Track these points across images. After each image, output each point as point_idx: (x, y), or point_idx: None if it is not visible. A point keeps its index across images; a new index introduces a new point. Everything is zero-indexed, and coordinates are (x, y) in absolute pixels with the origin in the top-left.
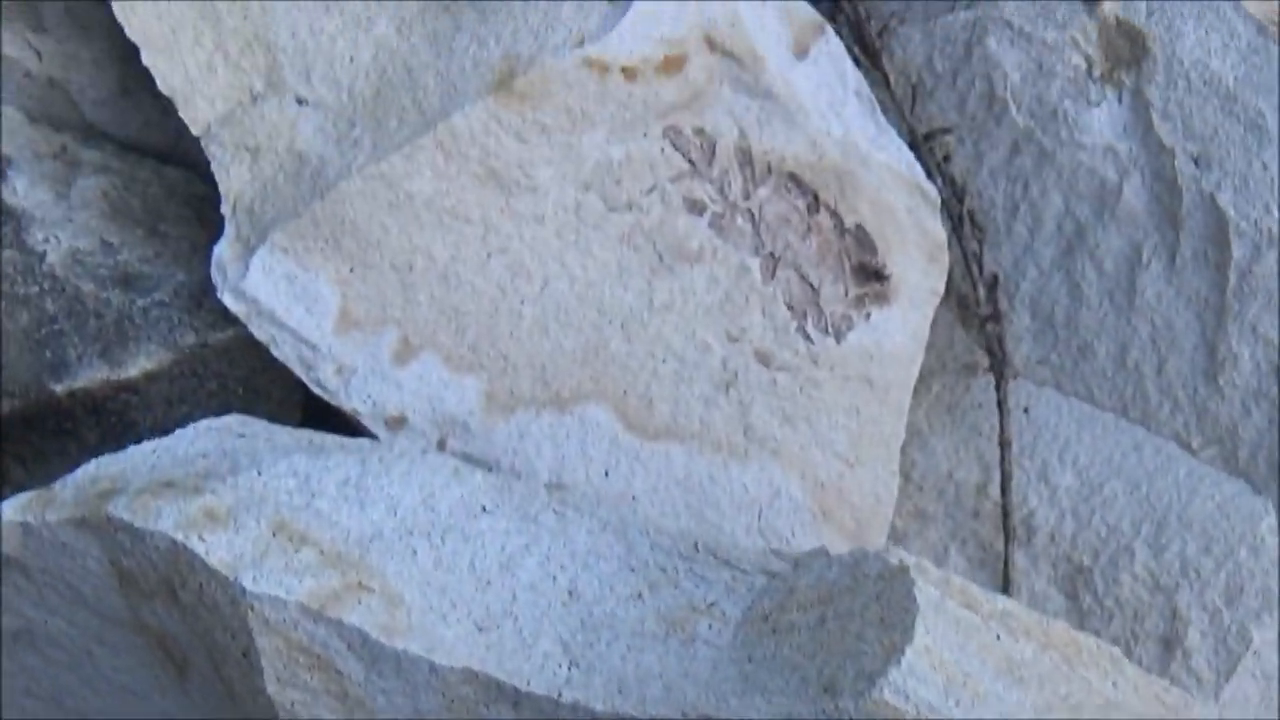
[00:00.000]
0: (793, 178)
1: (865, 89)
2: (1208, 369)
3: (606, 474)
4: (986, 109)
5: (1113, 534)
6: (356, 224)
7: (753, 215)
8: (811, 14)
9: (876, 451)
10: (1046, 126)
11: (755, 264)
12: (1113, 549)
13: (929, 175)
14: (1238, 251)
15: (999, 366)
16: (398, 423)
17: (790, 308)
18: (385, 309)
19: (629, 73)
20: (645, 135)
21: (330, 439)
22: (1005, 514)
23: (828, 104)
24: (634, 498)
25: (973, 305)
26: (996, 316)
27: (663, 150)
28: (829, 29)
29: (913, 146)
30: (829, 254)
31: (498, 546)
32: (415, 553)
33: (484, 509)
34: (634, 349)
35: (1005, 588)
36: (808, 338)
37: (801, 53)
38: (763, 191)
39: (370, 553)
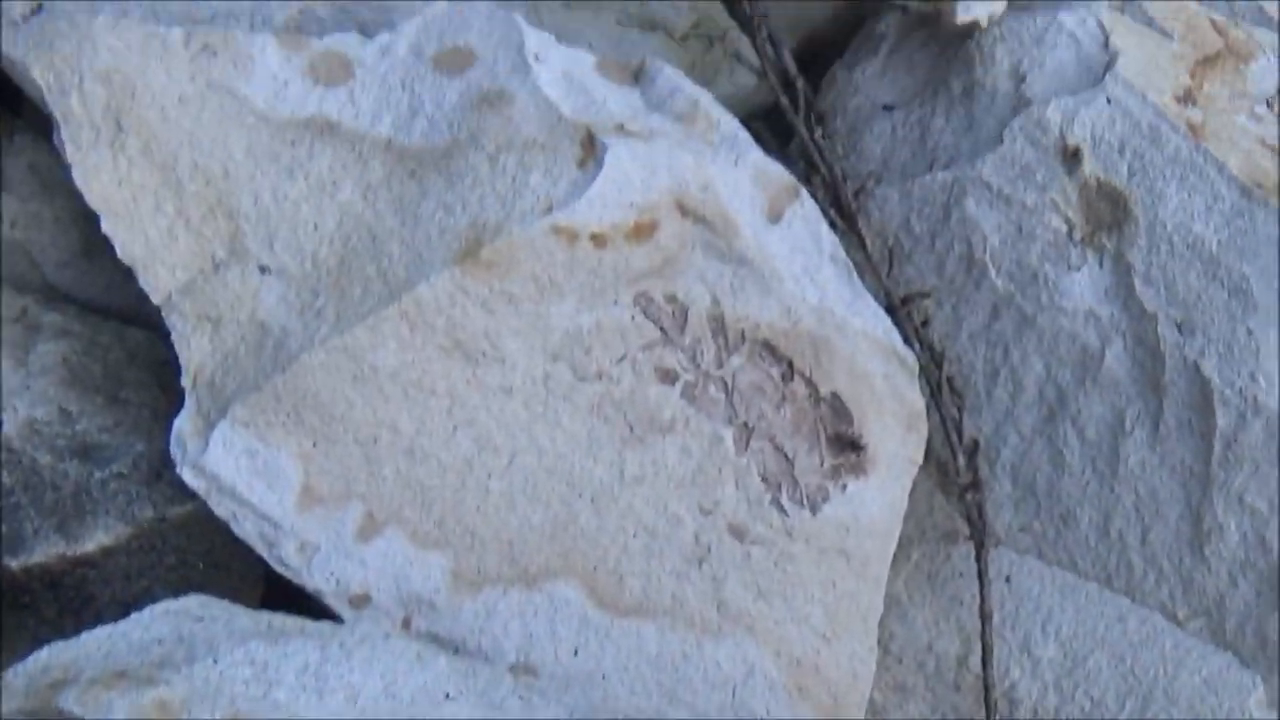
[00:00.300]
0: (767, 346)
1: (841, 253)
2: (1193, 539)
3: (576, 652)
4: (965, 272)
5: (1097, 708)
6: (319, 397)
7: (726, 384)
8: (786, 177)
9: (854, 626)
10: (1027, 290)
11: (729, 434)
12: None
13: (906, 340)
14: (1222, 420)
15: (979, 535)
16: (362, 601)
17: (764, 479)
18: (349, 484)
19: (598, 240)
20: (616, 303)
21: (291, 622)
22: (987, 688)
23: (802, 269)
24: (604, 676)
25: (952, 473)
26: (976, 484)
27: (634, 318)
28: (803, 192)
29: (890, 310)
30: (804, 424)
31: None
32: None
33: (447, 696)
34: (604, 523)
35: None
36: (782, 510)
37: (776, 216)
38: (736, 360)
39: None
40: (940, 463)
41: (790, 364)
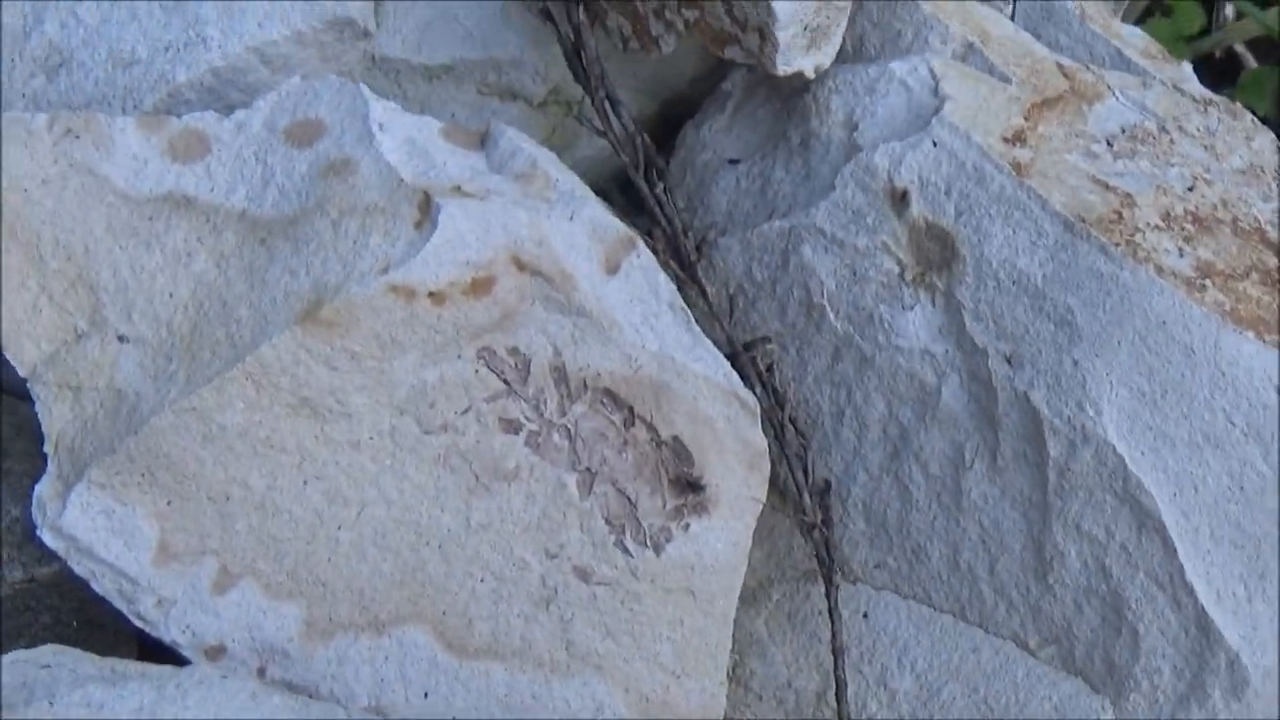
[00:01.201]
0: (608, 393)
1: (679, 300)
2: (1038, 568)
3: (426, 695)
4: (806, 316)
5: None
6: (171, 457)
7: (569, 431)
8: (621, 230)
9: (703, 663)
10: (865, 331)
11: (572, 480)
12: None
13: (749, 384)
14: (1054, 450)
15: (829, 572)
16: (217, 652)
17: (608, 522)
18: (203, 540)
19: (437, 297)
20: (459, 357)
21: (134, 667)
22: None
23: (641, 317)
24: (454, 718)
25: (802, 513)
26: (826, 522)
27: (477, 371)
28: (640, 243)
29: (734, 357)
30: (646, 467)
31: None
32: None
33: None
34: (452, 569)
35: None
36: (626, 551)
37: (613, 268)
38: (578, 408)
39: None
40: (797, 503)
41: (631, 410)
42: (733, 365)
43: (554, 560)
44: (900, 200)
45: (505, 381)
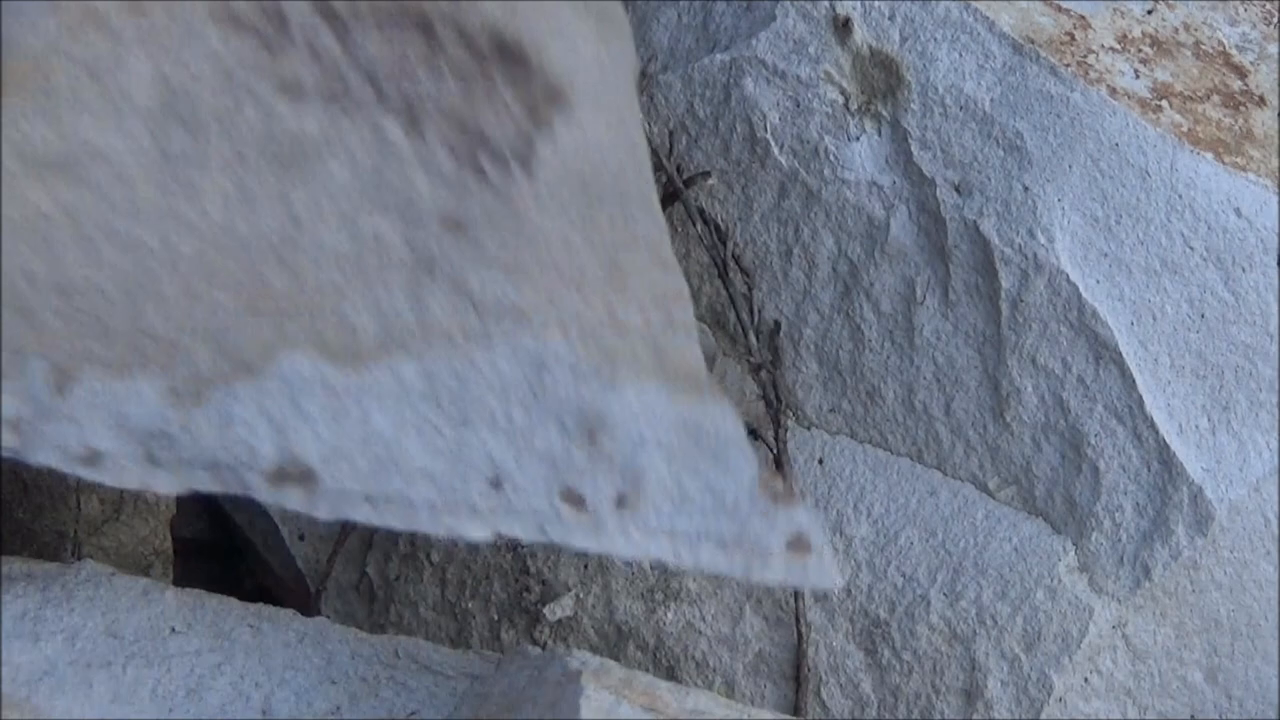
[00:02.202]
0: (395, 14)
1: None
2: (994, 406)
3: (336, 419)
4: (750, 152)
5: (909, 584)
6: None
7: (366, 73)
8: None
9: (640, 262)
10: (810, 165)
11: (392, 124)
12: (909, 600)
13: (691, 223)
14: (1006, 281)
15: (777, 415)
16: (95, 458)
17: (455, 157)
18: (14, 342)
19: None
20: (195, 36)
21: (18, 567)
22: None
23: None
24: (382, 437)
25: (749, 354)
26: (776, 363)
27: (226, 42)
28: None
29: (675, 194)
30: (474, 84)
31: (186, 669)
32: (91, 685)
33: (173, 630)
34: (301, 275)
35: (799, 645)
36: (488, 180)
37: None
38: (364, 41)
39: (38, 692)
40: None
41: (427, 22)
42: (674, 202)
43: (412, 221)
44: (843, 27)
45: (264, 43)
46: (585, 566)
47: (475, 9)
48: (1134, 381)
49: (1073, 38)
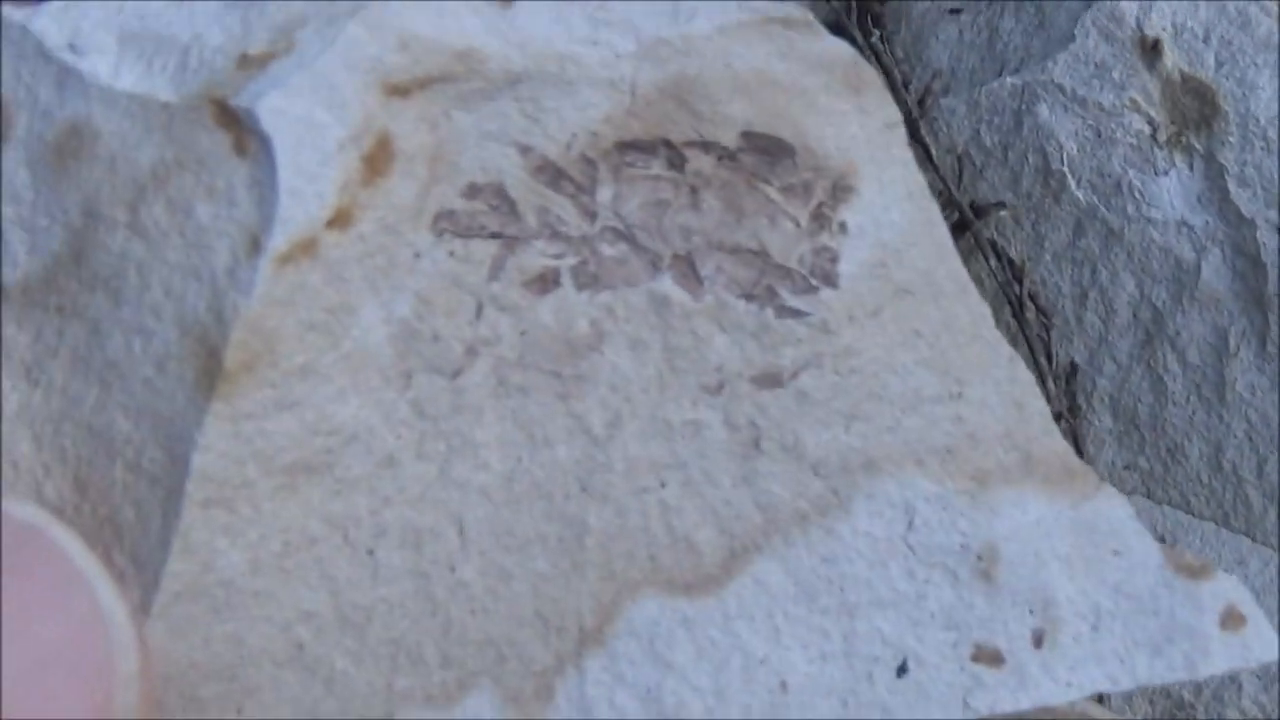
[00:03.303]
0: (622, 146)
1: None
2: None
3: (705, 658)
4: (1043, 185)
5: None
6: None
7: (618, 230)
8: None
9: (981, 358)
10: (1111, 201)
11: (668, 285)
12: (1217, 682)
13: (984, 259)
14: None
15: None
16: None
17: (749, 297)
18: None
19: (339, 217)
20: (417, 256)
21: None
22: None
23: (585, 21)
24: (763, 659)
25: (1046, 400)
26: (1074, 410)
27: (451, 253)
28: None
29: (964, 224)
30: (737, 196)
31: None
32: None
33: None
34: (619, 502)
35: None
36: (796, 312)
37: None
38: (604, 192)
39: None
40: None
41: (665, 143)
42: (963, 234)
43: (722, 393)
44: (1152, 50)
45: (494, 233)
46: None
47: (716, 113)
48: None
49: None
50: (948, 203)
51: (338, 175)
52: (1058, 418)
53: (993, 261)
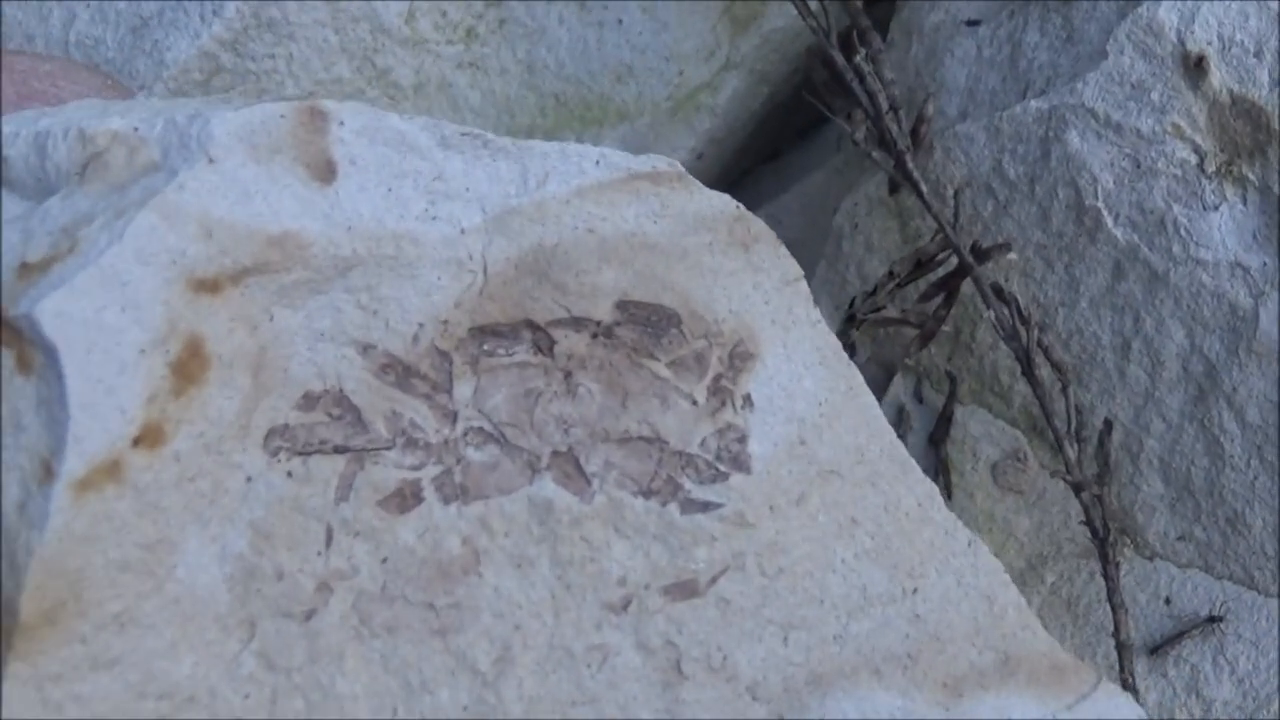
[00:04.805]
0: (482, 331)
1: (448, 130)
2: None
3: None
4: (1076, 223)
5: None
6: None
7: (485, 430)
8: (286, 110)
9: (933, 539)
10: (1154, 241)
11: (550, 488)
12: None
13: (987, 306)
14: None
15: (1104, 546)
16: None
17: (646, 494)
18: None
19: (148, 434)
20: (249, 480)
21: None
22: None
23: (420, 198)
24: None
25: (1066, 469)
26: (1103, 479)
27: (290, 475)
28: (329, 110)
29: (964, 270)
30: (628, 378)
31: None
32: None
33: None
34: None
35: None
36: (705, 505)
37: (319, 169)
38: (463, 389)
39: None
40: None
41: (527, 323)
42: (962, 279)
43: (629, 611)
44: (1196, 67)
45: (338, 447)
46: None
47: (583, 285)
48: None
49: None
50: (944, 245)
51: (141, 386)
52: (1079, 489)
53: (993, 312)
